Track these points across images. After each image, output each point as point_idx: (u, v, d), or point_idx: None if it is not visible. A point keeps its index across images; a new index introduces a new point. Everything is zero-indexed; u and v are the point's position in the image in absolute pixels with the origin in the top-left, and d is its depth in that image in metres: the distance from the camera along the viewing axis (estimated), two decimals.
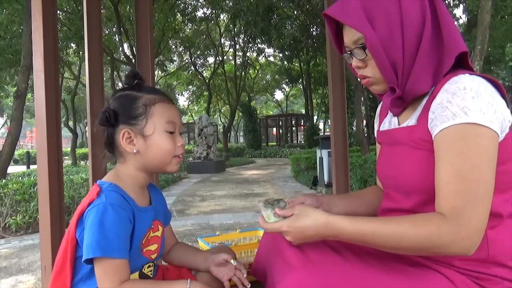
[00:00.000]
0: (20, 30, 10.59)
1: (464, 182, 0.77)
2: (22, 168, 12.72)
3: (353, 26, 0.89)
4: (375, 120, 1.20)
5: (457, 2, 13.13)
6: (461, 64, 0.90)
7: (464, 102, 0.78)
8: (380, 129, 1.10)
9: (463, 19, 15.96)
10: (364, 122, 10.39)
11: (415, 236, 0.79)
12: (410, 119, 0.94)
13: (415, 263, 0.93)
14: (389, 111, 1.06)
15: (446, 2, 12.27)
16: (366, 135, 10.46)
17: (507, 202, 0.87)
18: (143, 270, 1.09)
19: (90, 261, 0.94)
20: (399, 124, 1.00)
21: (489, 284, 0.85)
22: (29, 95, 13.22)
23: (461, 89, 0.79)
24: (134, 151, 1.04)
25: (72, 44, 13.15)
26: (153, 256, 1.11)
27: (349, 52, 0.97)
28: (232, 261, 1.13)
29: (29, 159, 14.66)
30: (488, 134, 0.78)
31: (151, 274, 1.12)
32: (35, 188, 5.07)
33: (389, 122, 1.06)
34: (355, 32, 0.91)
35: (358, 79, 1.00)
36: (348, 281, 0.80)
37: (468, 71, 0.85)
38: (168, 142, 1.05)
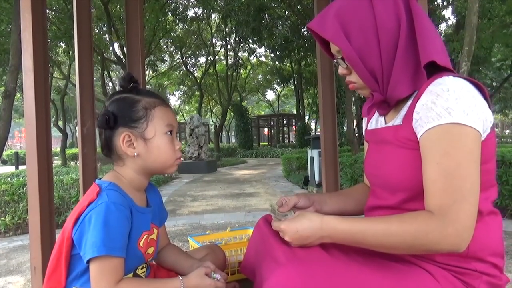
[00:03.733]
0: (9, 29, 10.45)
1: (450, 180, 0.79)
2: (10, 169, 12.55)
3: (330, 39, 0.94)
4: (363, 119, 1.23)
5: (445, 4, 13.28)
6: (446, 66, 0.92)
7: (448, 103, 0.81)
8: (368, 128, 1.13)
9: (452, 20, 16.17)
10: (355, 122, 10.45)
11: (403, 233, 0.82)
12: (396, 119, 0.97)
13: (398, 259, 0.95)
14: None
15: (435, 3, 12.40)
16: (356, 135, 10.52)
17: (487, 200, 0.90)
18: (136, 272, 1.10)
19: (88, 260, 0.95)
20: (385, 123, 1.03)
21: (469, 279, 0.88)
22: (18, 95, 13.05)
23: (444, 90, 0.82)
24: (135, 154, 1.05)
25: (61, 44, 13.02)
26: (149, 259, 1.13)
27: (335, 61, 1.02)
28: (213, 274, 1.12)
29: (17, 159, 14.46)
30: (471, 134, 0.80)
31: (144, 275, 1.13)
32: (24, 189, 5.02)
33: (376, 121, 1.09)
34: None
35: None
36: (333, 276, 0.82)
37: (452, 73, 0.88)
38: (170, 145, 1.07)
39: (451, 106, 0.80)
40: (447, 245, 0.79)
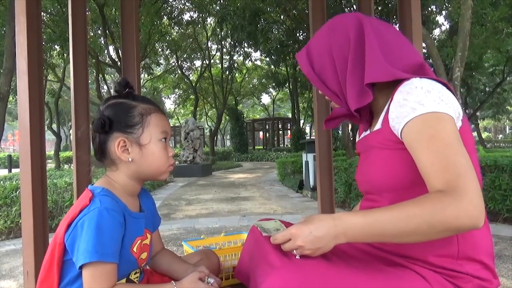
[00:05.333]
0: (3, 32, 10.39)
1: (446, 158, 0.81)
2: (3, 172, 12.44)
3: (300, 66, 1.09)
4: (356, 134, 1.27)
5: (439, 10, 13.41)
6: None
7: (418, 98, 0.86)
8: (357, 140, 1.18)
9: (446, 26, 16.33)
10: (350, 126, 10.50)
11: (421, 213, 0.78)
12: (377, 124, 1.02)
13: (392, 262, 0.96)
14: None
15: (429, 9, 12.52)
16: (351, 139, 10.56)
17: None
18: (130, 277, 1.09)
19: (81, 266, 0.94)
20: (370, 131, 1.08)
21: (461, 282, 0.89)
22: (11, 98, 12.95)
23: (413, 88, 0.88)
24: (129, 159, 1.05)
25: (56, 46, 12.96)
26: (143, 264, 1.12)
27: None
28: (207, 279, 1.12)
29: (11, 162, 14.33)
30: (448, 118, 0.85)
31: (137, 280, 1.12)
32: (17, 192, 4.98)
33: (363, 132, 1.15)
34: None
35: None
36: (327, 280, 0.83)
37: (419, 76, 0.93)
38: (163, 152, 1.08)
39: (422, 100, 0.86)
40: (466, 217, 0.76)
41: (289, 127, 27.95)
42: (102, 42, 14.65)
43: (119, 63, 13.23)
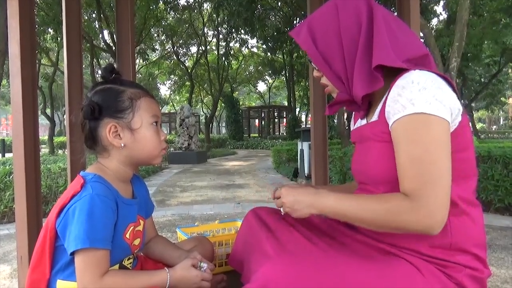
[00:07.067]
0: None
1: (418, 166, 0.83)
2: None
3: (300, 44, 1.03)
4: (351, 122, 1.26)
5: None
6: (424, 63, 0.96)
7: (411, 95, 0.85)
8: (352, 129, 1.18)
9: (443, 15, 16.25)
10: (345, 115, 10.50)
11: (378, 210, 0.87)
12: (374, 116, 1.01)
13: (385, 252, 0.97)
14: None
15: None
16: (346, 128, 10.58)
17: (468, 189, 0.93)
18: (123, 263, 1.10)
19: (72, 252, 0.94)
20: (367, 121, 1.07)
21: (452, 272, 0.90)
22: (4, 81, 12.79)
23: (409, 83, 0.87)
24: (122, 144, 1.04)
25: (50, 30, 12.75)
26: (136, 250, 1.12)
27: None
28: (199, 263, 1.13)
29: (4, 147, 14.22)
30: (436, 121, 0.84)
31: (130, 266, 1.13)
32: (11, 177, 4.95)
33: (359, 122, 1.14)
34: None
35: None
36: (321, 268, 0.84)
37: (421, 67, 0.92)
38: (155, 135, 1.07)
39: (414, 98, 0.85)
40: (420, 226, 0.83)
41: (284, 115, 27.91)
42: (97, 26, 14.43)
43: (113, 48, 13.06)
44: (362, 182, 1.08)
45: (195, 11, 19.06)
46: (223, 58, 20.55)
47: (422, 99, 0.84)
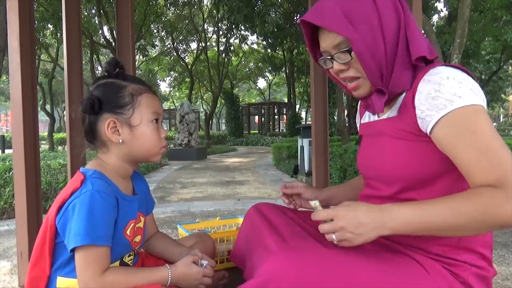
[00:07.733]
0: None
1: (493, 153, 0.79)
2: None
3: (337, 31, 0.89)
4: (357, 115, 1.24)
5: None
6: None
7: (453, 89, 0.83)
8: (362, 122, 1.14)
9: (444, 12, 16.20)
10: (346, 112, 10.49)
11: (474, 210, 0.77)
12: (391, 111, 0.98)
13: (390, 249, 0.96)
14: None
15: None
16: (347, 125, 10.58)
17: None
18: (123, 259, 1.09)
19: (72, 249, 0.94)
20: (378, 117, 1.04)
21: (458, 270, 0.89)
22: (4, 77, 12.76)
23: (444, 78, 0.84)
24: (120, 141, 1.03)
25: (49, 25, 12.70)
26: (137, 247, 1.12)
27: (329, 57, 0.97)
28: (200, 260, 1.12)
29: (4, 143, 14.21)
30: (483, 110, 0.84)
31: (131, 263, 1.13)
32: (11, 173, 4.95)
33: (369, 116, 1.10)
34: (336, 36, 0.92)
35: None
36: (324, 264, 0.83)
37: (440, 63, 0.90)
38: (155, 133, 1.06)
39: (457, 92, 0.82)
40: None
41: (284, 112, 27.87)
42: (97, 22, 14.38)
43: (113, 44, 13.02)
44: (370, 178, 1.05)
45: (195, 7, 18.99)
46: (223, 55, 20.50)
47: (466, 92, 0.82)
